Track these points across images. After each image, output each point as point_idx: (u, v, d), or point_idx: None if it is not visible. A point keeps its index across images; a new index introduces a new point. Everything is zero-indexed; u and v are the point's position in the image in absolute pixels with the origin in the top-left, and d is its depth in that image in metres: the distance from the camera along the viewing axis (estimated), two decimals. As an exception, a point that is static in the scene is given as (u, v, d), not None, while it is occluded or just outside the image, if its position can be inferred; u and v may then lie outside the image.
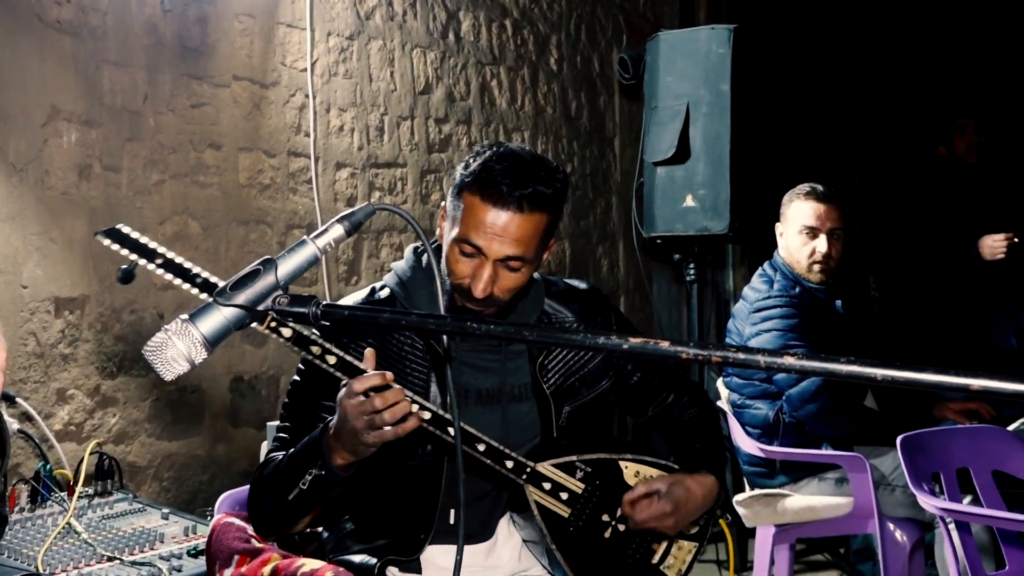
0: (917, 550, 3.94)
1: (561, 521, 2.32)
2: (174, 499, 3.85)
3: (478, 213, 2.20)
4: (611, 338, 1.31)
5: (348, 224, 1.58)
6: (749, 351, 1.26)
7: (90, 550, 2.91)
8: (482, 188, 2.21)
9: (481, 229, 2.20)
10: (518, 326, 1.37)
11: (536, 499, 2.30)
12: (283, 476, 2.19)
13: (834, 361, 1.21)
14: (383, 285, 2.44)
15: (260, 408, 4.20)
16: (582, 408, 2.43)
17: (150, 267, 1.90)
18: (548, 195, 2.23)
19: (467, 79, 5.32)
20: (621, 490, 2.38)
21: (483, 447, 2.23)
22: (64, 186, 3.53)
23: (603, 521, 2.37)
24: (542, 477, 2.31)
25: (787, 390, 4.04)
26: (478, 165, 2.24)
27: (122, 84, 3.72)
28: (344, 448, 2.07)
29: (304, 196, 4.39)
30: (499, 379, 2.38)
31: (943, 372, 1.16)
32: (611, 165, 6.41)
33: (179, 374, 1.46)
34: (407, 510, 2.32)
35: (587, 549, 2.35)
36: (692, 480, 2.40)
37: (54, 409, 3.49)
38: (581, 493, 2.34)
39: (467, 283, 2.24)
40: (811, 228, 4.19)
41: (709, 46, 5.02)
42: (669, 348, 1.28)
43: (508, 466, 2.26)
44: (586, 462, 2.36)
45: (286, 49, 4.34)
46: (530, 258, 2.25)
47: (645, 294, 6.46)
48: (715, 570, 4.96)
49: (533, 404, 2.39)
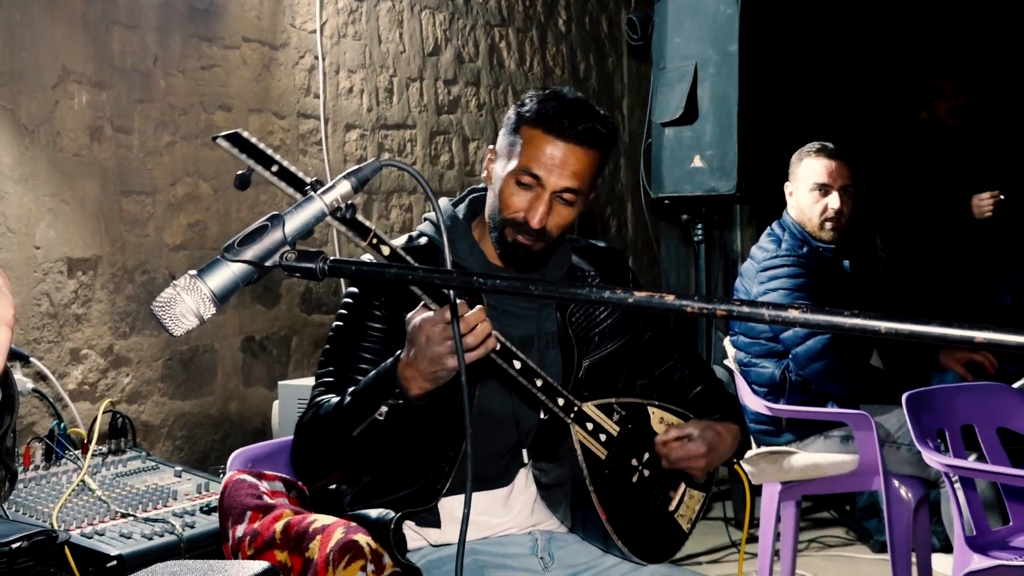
0: (922, 507, 3.97)
1: (599, 463, 2.36)
2: (187, 458, 3.89)
3: (540, 144, 2.27)
4: (616, 292, 1.32)
5: (355, 180, 1.58)
6: (754, 304, 1.27)
7: (104, 507, 2.95)
8: (543, 122, 2.28)
9: (542, 160, 2.27)
10: (523, 280, 1.39)
11: (580, 439, 2.33)
12: (349, 412, 2.19)
13: (838, 314, 1.22)
14: (420, 233, 2.46)
15: (271, 368, 4.24)
16: (599, 363, 2.46)
17: (265, 174, 1.90)
18: (604, 135, 2.31)
19: (476, 40, 5.32)
20: (649, 435, 2.43)
21: (540, 382, 2.27)
22: (76, 147, 3.55)
23: (632, 466, 2.41)
24: (587, 417, 2.35)
25: (793, 348, 4.06)
26: (536, 103, 2.31)
27: (132, 46, 3.73)
28: (422, 376, 2.07)
29: (314, 158, 4.41)
30: (535, 325, 2.43)
31: (947, 325, 1.17)
32: (619, 126, 6.41)
33: (187, 330, 1.46)
34: (425, 460, 2.34)
35: (618, 492, 2.38)
36: (721, 426, 2.46)
37: (68, 369, 3.53)
38: (617, 436, 2.38)
39: (522, 216, 2.29)
40: (822, 185, 4.19)
41: (717, 7, 5.01)
42: (674, 302, 1.29)
43: (560, 404, 2.31)
44: (622, 405, 2.41)
45: (295, 11, 4.35)
46: (584, 192, 2.32)
47: (653, 255, 6.48)
48: (722, 527, 5.01)
49: (559, 352, 2.43)
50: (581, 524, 2.44)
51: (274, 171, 1.90)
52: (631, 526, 2.40)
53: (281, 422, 3.86)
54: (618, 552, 2.40)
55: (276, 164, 1.90)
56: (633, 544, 2.40)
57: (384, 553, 2.22)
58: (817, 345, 4.00)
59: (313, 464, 2.34)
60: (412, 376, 2.09)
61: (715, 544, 4.95)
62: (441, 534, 2.39)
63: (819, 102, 7.41)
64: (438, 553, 2.39)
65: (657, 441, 2.41)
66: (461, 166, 5.18)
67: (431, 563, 2.37)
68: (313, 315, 4.43)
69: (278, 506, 2.40)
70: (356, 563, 2.21)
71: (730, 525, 5.07)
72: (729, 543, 4.96)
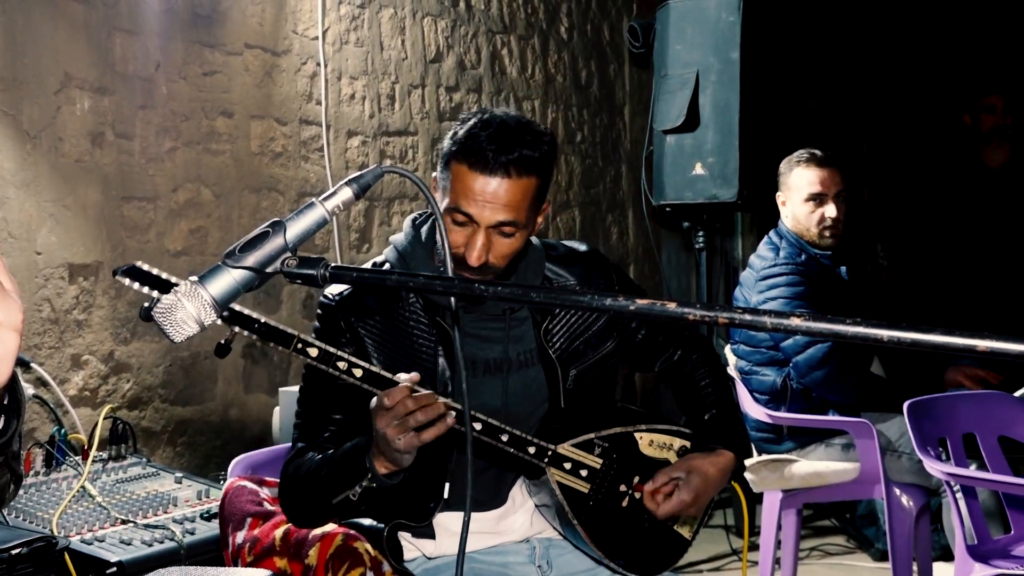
0: (923, 515, 3.96)
1: (581, 496, 2.35)
2: (187, 464, 3.88)
3: (466, 181, 2.19)
4: (618, 299, 1.32)
5: (357, 187, 1.58)
6: (756, 312, 1.27)
7: (104, 513, 2.95)
8: (468, 155, 2.19)
9: (471, 196, 2.19)
10: (526, 287, 1.38)
11: (557, 479, 2.32)
12: (327, 483, 2.20)
13: (840, 322, 1.21)
14: (384, 260, 2.43)
15: (272, 374, 4.24)
16: (588, 370, 2.44)
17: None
18: (536, 158, 2.22)
19: (478, 47, 5.32)
20: (637, 460, 2.41)
21: (506, 437, 2.25)
22: (77, 153, 3.55)
23: (621, 491, 2.40)
24: (563, 458, 2.33)
25: (794, 357, 4.06)
26: (463, 134, 2.22)
27: (134, 52, 3.73)
28: (385, 458, 2.09)
29: (316, 164, 4.41)
30: (504, 348, 2.39)
31: (949, 333, 1.16)
32: (621, 133, 6.41)
33: (188, 336, 1.45)
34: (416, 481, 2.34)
35: (606, 519, 2.38)
36: (708, 463, 2.42)
37: (69, 375, 3.53)
38: (600, 468, 2.37)
39: (462, 252, 2.22)
40: (817, 195, 4.19)
41: (719, 14, 5.02)
42: (675, 309, 1.29)
43: (530, 451, 2.29)
44: (603, 438, 2.38)
45: (297, 17, 4.35)
46: (523, 223, 2.24)
47: (654, 262, 6.47)
48: (723, 535, 5.00)
49: (540, 370, 2.40)
50: (574, 542, 2.44)
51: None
52: (624, 546, 2.40)
53: (282, 428, 3.85)
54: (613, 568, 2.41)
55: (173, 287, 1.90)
56: (629, 562, 2.40)
57: (383, 560, 2.23)
58: (818, 353, 4.00)
59: (300, 516, 2.34)
60: (376, 456, 2.11)
61: (716, 552, 4.94)
62: (436, 546, 2.39)
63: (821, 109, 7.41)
64: (434, 563, 2.39)
65: (645, 492, 2.39)
66: (462, 173, 5.18)
67: (427, 571, 2.37)
68: (315, 321, 4.41)
69: (278, 512, 2.40)
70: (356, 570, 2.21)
71: (731, 533, 5.07)
72: (730, 551, 4.96)
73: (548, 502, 2.39)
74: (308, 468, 2.26)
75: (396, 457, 2.07)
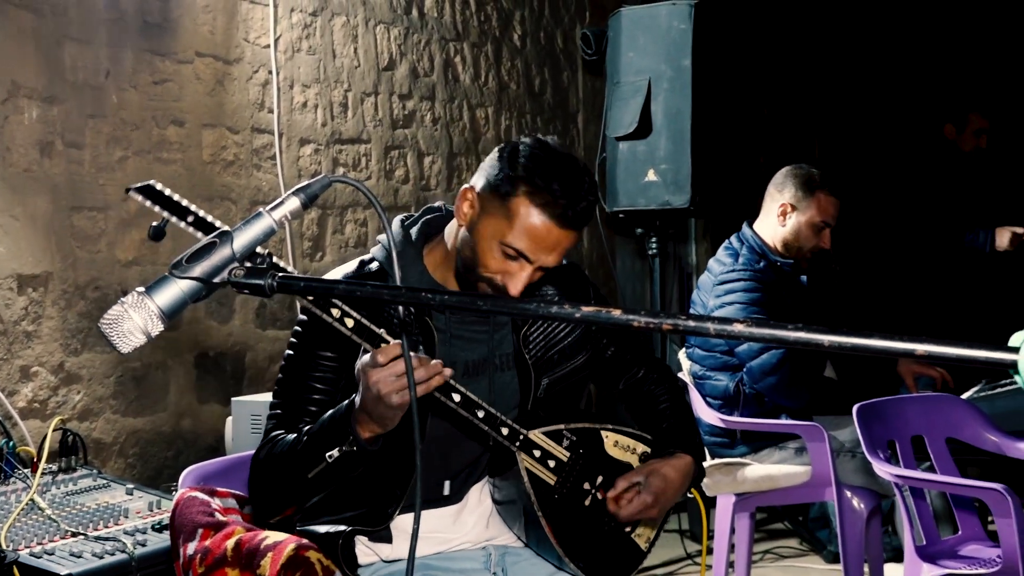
0: (874, 517, 4.00)
1: (547, 488, 2.37)
2: (139, 475, 3.86)
3: (536, 226, 2.22)
4: (564, 307, 1.33)
5: (304, 196, 1.59)
6: (699, 319, 1.29)
7: (54, 526, 2.92)
8: (543, 204, 2.21)
9: (536, 241, 2.22)
10: (472, 296, 1.39)
11: (527, 466, 2.34)
12: (303, 454, 2.18)
13: (782, 328, 1.23)
14: (371, 259, 2.44)
15: (225, 384, 4.22)
16: (559, 381, 2.47)
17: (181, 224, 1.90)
18: (593, 206, 2.30)
19: (431, 55, 5.32)
20: (602, 459, 2.44)
21: (482, 413, 2.26)
22: (26, 163, 3.52)
23: (584, 489, 2.42)
24: (533, 444, 2.35)
25: (748, 362, 4.09)
26: (536, 175, 2.23)
27: (84, 60, 3.71)
28: (371, 419, 2.07)
29: (268, 172, 4.39)
30: (486, 349, 2.42)
31: (889, 338, 1.18)
32: (574, 140, 6.44)
33: (135, 347, 1.46)
34: (377, 485, 2.34)
35: (569, 516, 2.40)
36: (668, 466, 2.46)
37: (18, 386, 3.50)
38: (566, 461, 2.39)
39: (499, 280, 2.25)
40: (827, 224, 4.21)
41: (670, 22, 5.05)
42: (621, 316, 1.30)
43: (503, 433, 2.30)
44: (572, 431, 2.41)
45: (249, 25, 4.34)
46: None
47: (608, 268, 6.50)
48: (678, 539, 5.03)
49: (515, 374, 2.43)
50: (536, 542, 2.45)
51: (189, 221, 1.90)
52: (585, 548, 2.42)
53: (235, 439, 3.84)
54: (572, 571, 2.42)
55: (191, 214, 1.90)
56: (588, 565, 2.42)
57: (335, 570, 2.22)
58: (772, 359, 4.02)
59: (269, 501, 2.33)
60: (362, 420, 2.09)
61: (671, 556, 4.96)
62: (393, 549, 2.39)
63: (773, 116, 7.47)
64: (389, 569, 2.39)
65: (608, 497, 2.42)
66: (416, 181, 5.18)
67: (380, 579, 2.38)
68: (268, 330, 4.41)
69: (230, 523, 2.38)
70: (308, 579, 2.20)
71: (685, 537, 5.09)
72: (684, 555, 4.98)
73: (513, 496, 2.39)
74: (284, 446, 2.25)
75: (385, 414, 2.05)
